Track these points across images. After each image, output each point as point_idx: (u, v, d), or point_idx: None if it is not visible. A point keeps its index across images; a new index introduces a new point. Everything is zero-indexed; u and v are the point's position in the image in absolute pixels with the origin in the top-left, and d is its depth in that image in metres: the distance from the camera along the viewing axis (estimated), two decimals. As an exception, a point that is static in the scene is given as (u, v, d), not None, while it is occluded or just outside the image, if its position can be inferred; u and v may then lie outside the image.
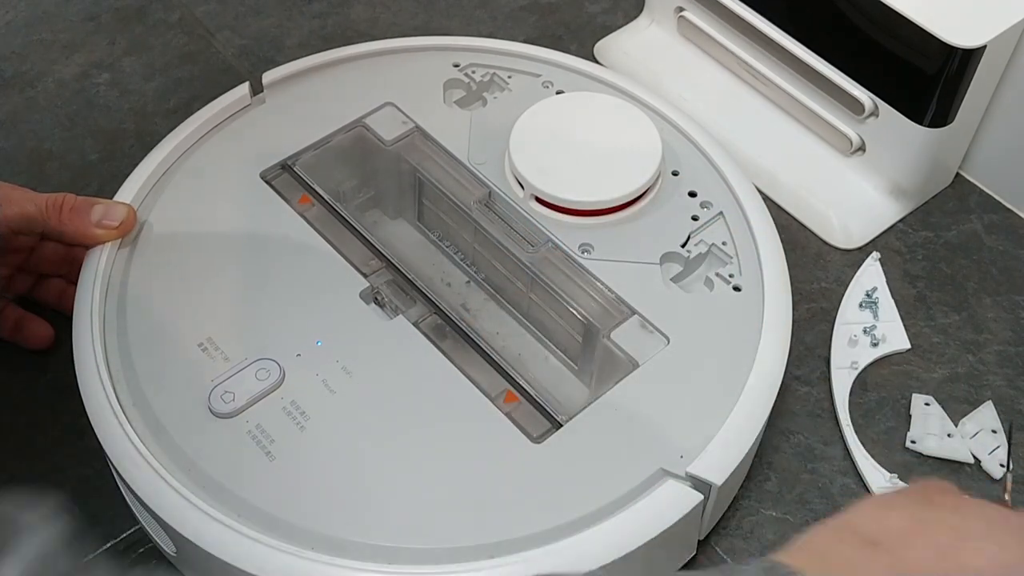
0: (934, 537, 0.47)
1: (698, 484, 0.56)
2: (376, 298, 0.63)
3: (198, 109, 0.72)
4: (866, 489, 0.66)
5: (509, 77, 0.75)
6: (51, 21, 0.92)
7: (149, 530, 0.61)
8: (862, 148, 0.78)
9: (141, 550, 0.63)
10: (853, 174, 0.80)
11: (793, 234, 0.79)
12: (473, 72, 0.75)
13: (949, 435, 0.68)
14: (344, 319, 0.61)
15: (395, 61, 0.76)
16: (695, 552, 0.63)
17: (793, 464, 0.67)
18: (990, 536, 0.48)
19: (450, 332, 0.64)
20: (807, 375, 0.71)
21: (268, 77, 0.73)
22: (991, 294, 0.75)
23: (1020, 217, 0.80)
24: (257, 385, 0.58)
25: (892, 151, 0.77)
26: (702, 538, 0.62)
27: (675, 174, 0.69)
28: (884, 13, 0.70)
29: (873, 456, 0.67)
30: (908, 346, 0.72)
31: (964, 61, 0.69)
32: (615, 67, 0.87)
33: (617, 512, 0.55)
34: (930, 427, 0.68)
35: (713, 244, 0.66)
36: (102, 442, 0.57)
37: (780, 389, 0.61)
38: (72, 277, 0.66)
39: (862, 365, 0.71)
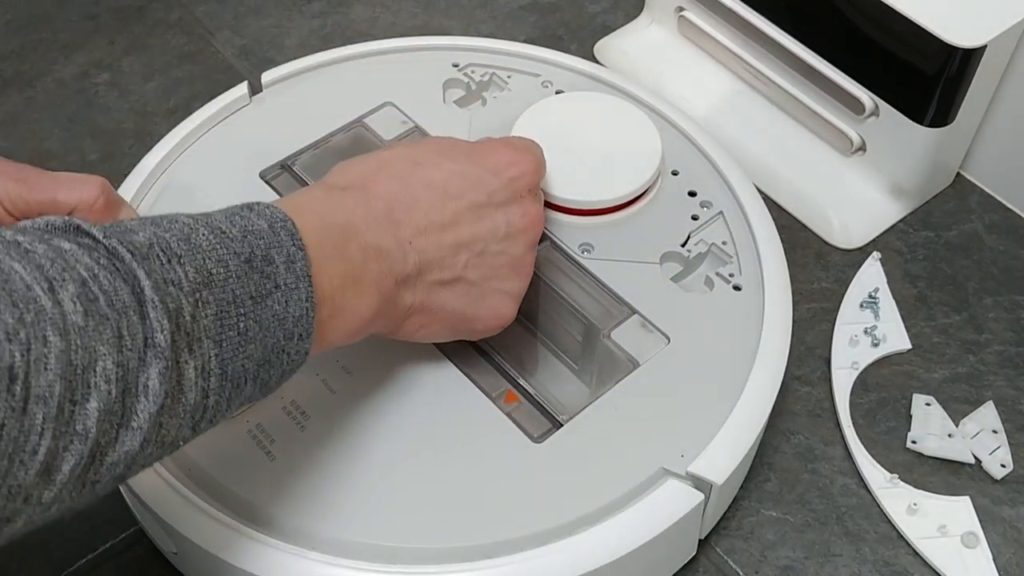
0: (394, 168, 0.54)
1: (699, 483, 0.56)
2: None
3: (198, 109, 0.72)
4: (866, 489, 0.66)
5: (509, 77, 0.75)
6: (51, 21, 0.92)
7: (149, 530, 0.61)
8: (862, 148, 0.78)
9: (141, 550, 0.63)
10: (853, 174, 0.80)
11: (793, 234, 0.79)
12: (472, 72, 0.75)
13: (950, 435, 0.68)
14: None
15: (394, 61, 0.76)
16: (695, 552, 0.63)
17: (793, 464, 0.67)
18: (443, 156, 0.56)
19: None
20: (807, 375, 0.71)
21: (267, 77, 0.73)
22: (992, 294, 0.75)
23: (1021, 217, 0.80)
24: (257, 385, 0.58)
25: (892, 151, 0.77)
26: (702, 538, 0.62)
27: (675, 174, 0.69)
28: (884, 13, 0.70)
29: (874, 456, 0.67)
30: (909, 346, 0.72)
31: (964, 61, 0.69)
32: (615, 67, 0.87)
33: (618, 511, 0.55)
34: (931, 427, 0.68)
35: (713, 244, 0.66)
36: (102, 442, 0.57)
37: (780, 389, 0.61)
38: None
39: (863, 365, 0.71)
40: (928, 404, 0.69)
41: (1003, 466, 0.67)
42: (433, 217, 0.53)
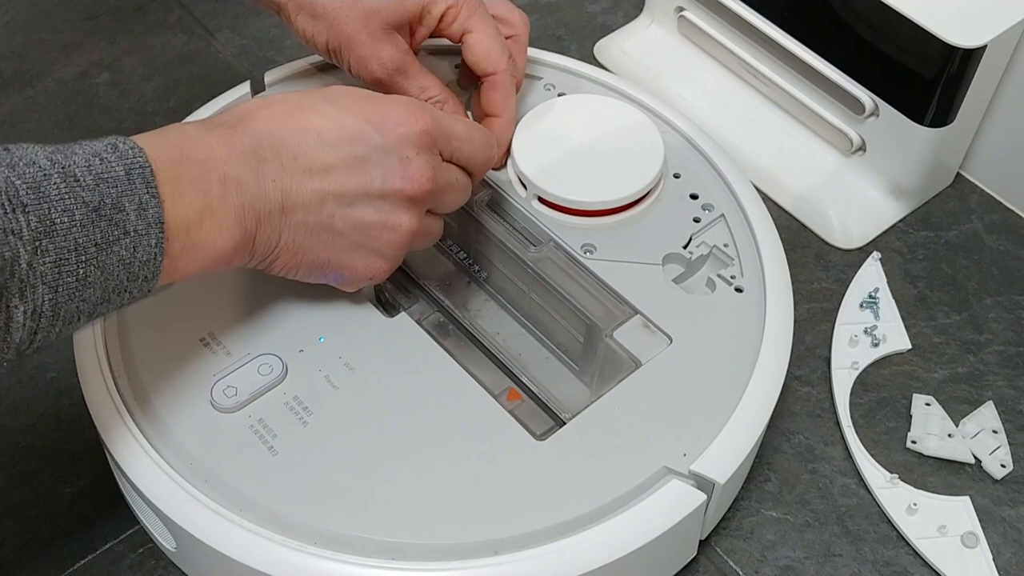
0: (275, 109, 0.54)
1: (701, 482, 0.56)
2: (379, 295, 0.63)
3: (198, 109, 0.72)
4: (866, 489, 0.66)
5: (510, 77, 0.75)
6: (51, 21, 0.92)
7: (148, 527, 0.61)
8: (862, 148, 0.78)
9: (141, 550, 0.63)
10: (853, 174, 0.80)
11: (794, 234, 0.79)
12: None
13: (950, 435, 0.68)
14: (346, 315, 0.61)
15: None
16: (696, 553, 0.63)
17: (793, 464, 0.67)
18: (330, 103, 0.55)
19: (452, 329, 0.65)
20: (808, 375, 0.71)
21: (270, 76, 0.73)
22: (992, 294, 0.75)
23: (1021, 217, 0.80)
24: (259, 380, 0.58)
25: (892, 151, 0.77)
26: (703, 538, 0.62)
27: (677, 176, 0.69)
28: (884, 13, 0.70)
29: (874, 456, 0.67)
30: (909, 346, 0.72)
31: (964, 61, 0.69)
32: (615, 67, 0.87)
33: (621, 510, 0.55)
34: (931, 427, 0.68)
35: (715, 246, 0.66)
36: (103, 437, 0.57)
37: (781, 389, 0.61)
38: None
39: (863, 365, 0.71)
40: (928, 404, 0.69)
41: (1003, 466, 0.67)
42: (301, 161, 0.53)
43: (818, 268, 0.77)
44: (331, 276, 0.58)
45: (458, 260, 0.69)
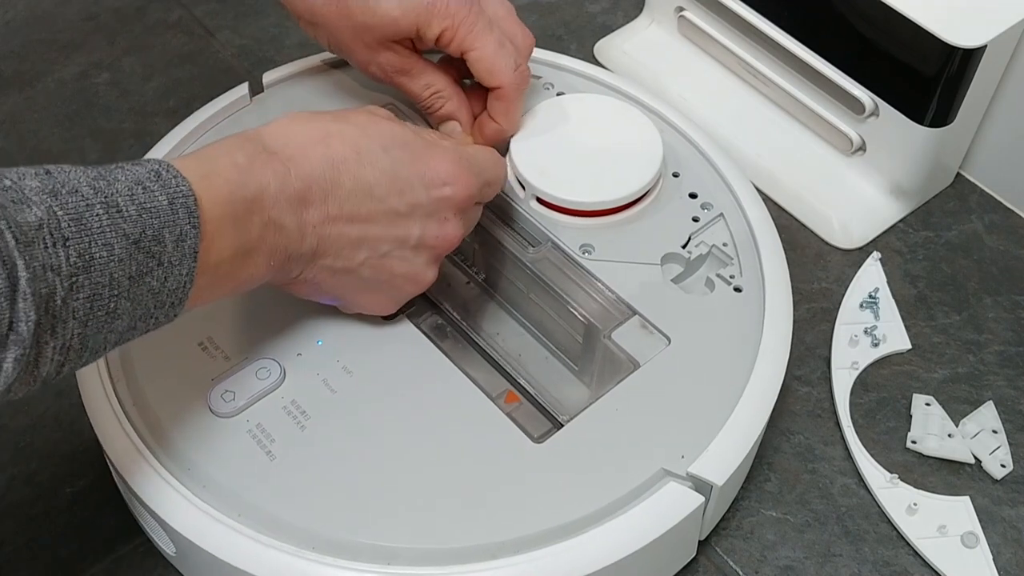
0: (333, 151, 0.53)
1: (699, 484, 0.56)
2: (377, 298, 0.64)
3: (198, 109, 0.72)
4: (866, 489, 0.66)
5: (510, 77, 0.75)
6: (51, 21, 0.92)
7: (148, 530, 0.61)
8: (862, 148, 0.78)
9: (141, 550, 0.63)
10: (853, 174, 0.80)
11: (793, 234, 0.79)
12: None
13: (950, 435, 0.68)
14: (344, 319, 0.61)
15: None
16: (695, 553, 0.63)
17: (793, 464, 0.67)
18: (385, 150, 0.55)
19: (451, 332, 0.65)
20: (807, 375, 0.71)
21: (268, 77, 0.73)
22: (992, 294, 0.75)
23: (1020, 217, 0.80)
24: (258, 384, 0.58)
25: (892, 151, 0.77)
26: (702, 539, 0.62)
27: (676, 176, 0.69)
28: (884, 13, 0.70)
29: (874, 456, 0.67)
30: (909, 346, 0.72)
31: (964, 61, 0.69)
32: (615, 67, 0.87)
33: (618, 512, 0.55)
34: (931, 427, 0.68)
35: (714, 246, 0.66)
36: (102, 441, 0.57)
37: (780, 389, 0.61)
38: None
39: (863, 365, 0.71)
40: (928, 404, 0.69)
41: (1003, 466, 0.67)
42: (347, 209, 0.53)
43: (818, 268, 0.77)
44: (339, 303, 0.59)
45: (457, 261, 0.69)
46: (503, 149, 0.68)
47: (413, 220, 0.56)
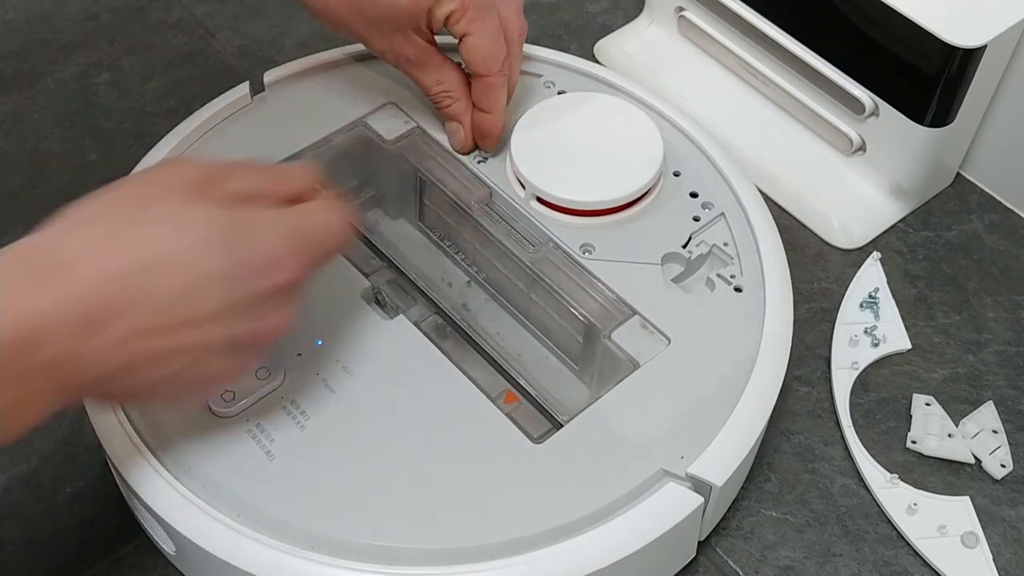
0: (132, 253, 0.45)
1: (699, 485, 0.56)
2: (377, 298, 0.63)
3: (198, 109, 0.72)
4: (866, 489, 0.66)
5: (510, 77, 0.75)
6: (51, 21, 0.92)
7: (148, 530, 0.61)
8: (862, 148, 0.78)
9: (141, 550, 0.63)
10: (853, 174, 0.80)
11: (793, 234, 0.79)
12: (474, 72, 0.75)
13: (950, 435, 0.68)
14: (345, 319, 0.61)
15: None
16: (695, 553, 0.63)
17: (793, 464, 0.67)
18: (209, 245, 0.47)
19: (451, 332, 0.65)
20: (807, 375, 0.71)
21: (269, 76, 0.73)
22: (992, 294, 0.75)
23: (1021, 217, 0.80)
24: (257, 384, 0.58)
25: (892, 151, 0.77)
26: (702, 539, 0.62)
27: (676, 175, 0.69)
28: (884, 13, 0.70)
29: (873, 456, 0.67)
30: (909, 346, 0.72)
31: (964, 61, 0.69)
32: (615, 67, 0.87)
33: (618, 513, 0.55)
34: (931, 427, 0.68)
35: (715, 245, 0.66)
36: (102, 441, 0.57)
37: (780, 389, 0.61)
38: None
39: (863, 365, 0.71)
40: (928, 404, 0.69)
41: (1003, 466, 0.67)
42: (155, 322, 0.46)
43: (818, 268, 0.77)
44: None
45: (456, 261, 0.69)
46: (503, 147, 0.69)
47: (232, 319, 0.48)
